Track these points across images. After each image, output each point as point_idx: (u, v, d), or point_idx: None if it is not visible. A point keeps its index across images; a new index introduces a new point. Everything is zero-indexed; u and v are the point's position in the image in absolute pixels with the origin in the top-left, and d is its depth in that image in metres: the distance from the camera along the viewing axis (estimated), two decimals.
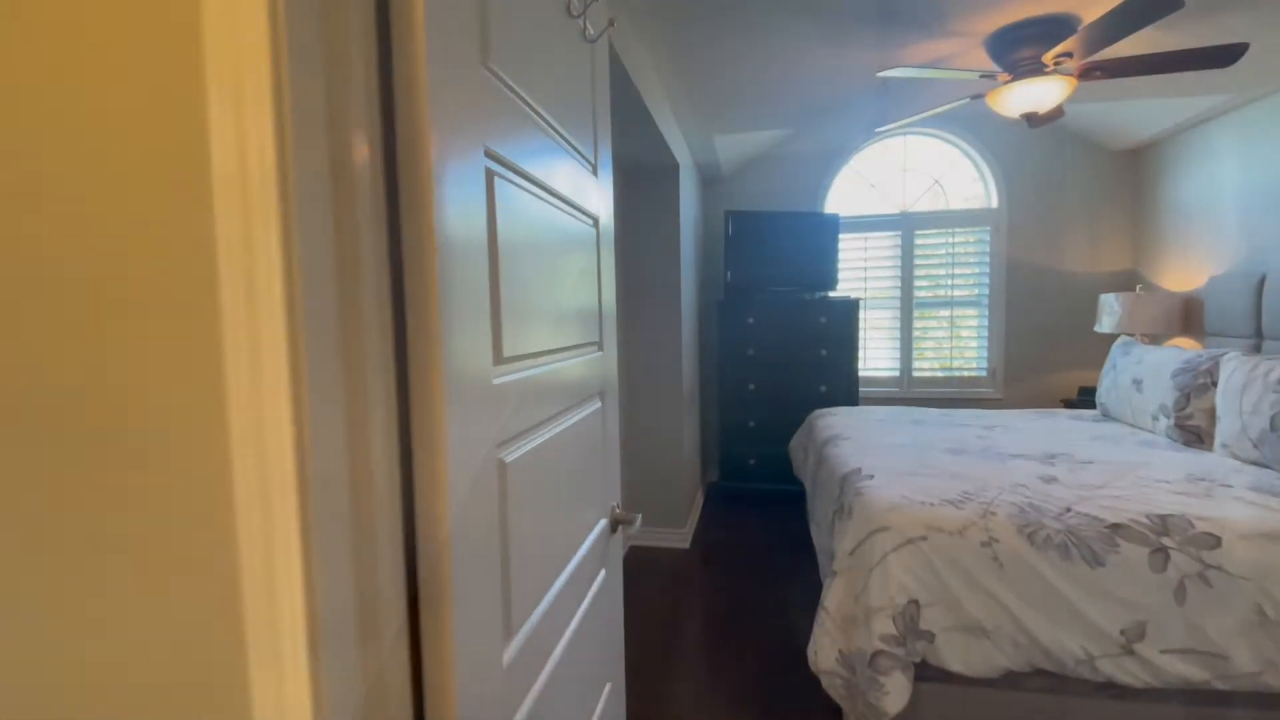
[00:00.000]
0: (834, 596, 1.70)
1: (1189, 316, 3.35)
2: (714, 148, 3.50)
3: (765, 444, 3.76)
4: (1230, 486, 1.80)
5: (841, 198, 4.24)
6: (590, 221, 1.11)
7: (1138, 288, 3.66)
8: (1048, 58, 2.05)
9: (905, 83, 2.61)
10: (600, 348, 1.17)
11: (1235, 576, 1.46)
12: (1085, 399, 3.76)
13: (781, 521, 3.57)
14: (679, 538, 3.25)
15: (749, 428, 3.78)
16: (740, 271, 3.74)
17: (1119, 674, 1.50)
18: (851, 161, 4.21)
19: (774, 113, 2.96)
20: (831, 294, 3.95)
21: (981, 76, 2.19)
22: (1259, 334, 2.72)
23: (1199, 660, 1.47)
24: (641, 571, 2.98)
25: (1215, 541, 1.51)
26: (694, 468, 3.69)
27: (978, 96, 2.38)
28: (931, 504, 1.73)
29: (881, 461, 2.13)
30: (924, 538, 1.63)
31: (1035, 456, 2.19)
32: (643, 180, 3.09)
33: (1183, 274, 3.46)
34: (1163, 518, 1.59)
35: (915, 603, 1.60)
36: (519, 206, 0.76)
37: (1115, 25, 1.81)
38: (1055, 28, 2.07)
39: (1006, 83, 2.20)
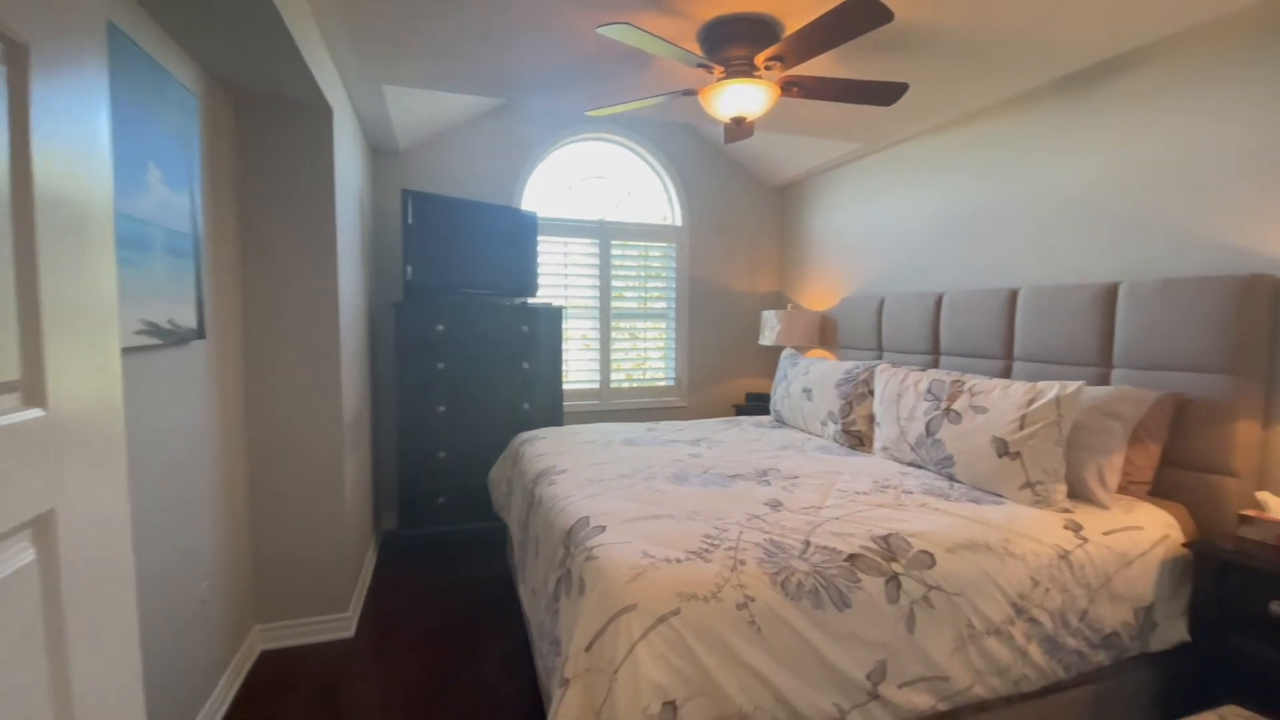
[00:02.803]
0: (566, 717, 1.21)
1: (825, 331, 3.92)
2: (385, 104, 2.73)
3: (459, 477, 3.12)
4: (911, 493, 1.91)
5: (538, 197, 3.88)
6: None
7: (789, 306, 4.17)
8: (759, 59, 1.97)
9: (619, 66, 2.32)
10: (38, 401, 0.44)
11: (950, 594, 1.46)
12: (752, 404, 4.12)
13: (481, 574, 2.97)
14: (340, 625, 2.38)
15: (438, 459, 3.08)
16: (425, 268, 3.04)
17: None
18: (549, 158, 3.88)
19: (462, 70, 2.38)
20: (532, 300, 3.54)
21: (698, 65, 2.00)
22: (880, 347, 3.24)
23: (928, 687, 1.42)
24: (279, 689, 2.04)
25: (931, 560, 1.49)
26: (362, 521, 2.83)
27: (690, 92, 2.22)
28: (679, 560, 1.39)
29: (609, 504, 1.74)
30: (676, 612, 1.27)
31: (752, 476, 2.09)
32: (274, 121, 2.17)
33: (819, 295, 4.05)
34: (885, 539, 1.53)
35: (671, 705, 1.21)
36: None
37: (822, 34, 1.77)
38: (764, 29, 1.99)
39: (720, 79, 2.07)
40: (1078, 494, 1.84)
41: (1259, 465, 1.80)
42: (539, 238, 3.69)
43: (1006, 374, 2.46)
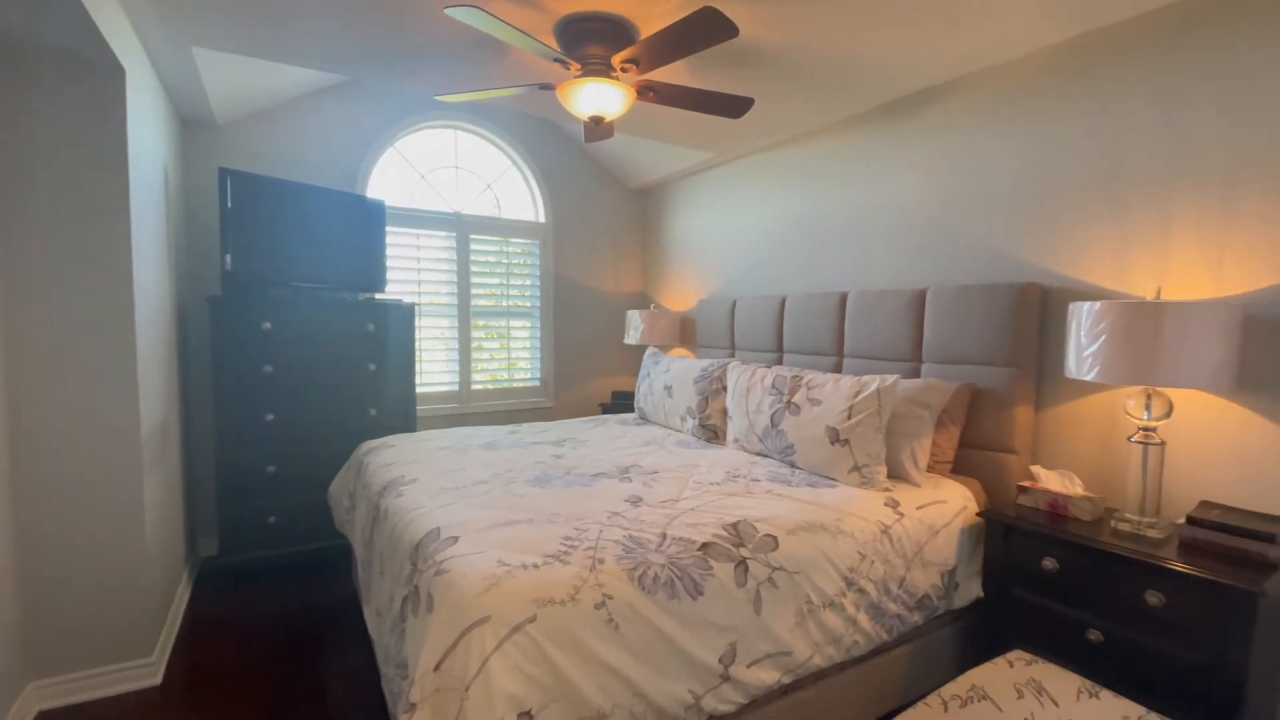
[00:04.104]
0: None
1: (685, 331, 4.07)
2: (196, 69, 2.38)
3: (294, 493, 2.81)
4: (759, 480, 2.03)
5: (388, 184, 3.61)
6: None
7: (652, 306, 4.28)
8: (616, 60, 1.98)
9: (474, 51, 2.22)
10: None
11: (791, 573, 1.57)
12: (619, 402, 4.18)
13: (322, 600, 2.70)
14: (143, 672, 2.03)
15: (268, 475, 2.75)
16: (248, 257, 2.69)
17: (720, 705, 1.42)
18: (399, 144, 3.63)
19: (290, 40, 2.14)
20: (380, 296, 3.29)
21: (555, 60, 1.97)
22: (733, 346, 3.43)
23: (773, 663, 1.51)
24: None
25: (775, 543, 1.59)
26: (170, 549, 2.45)
27: (547, 86, 2.18)
28: (536, 565, 1.35)
29: (463, 513, 1.66)
30: (533, 618, 1.23)
31: (614, 474, 2.10)
32: (46, 80, 1.80)
33: (679, 296, 4.20)
34: (734, 526, 1.61)
35: (527, 715, 1.18)
36: None
37: (673, 41, 1.82)
38: (620, 31, 2.01)
39: (577, 76, 2.05)
40: (896, 474, 2.07)
41: (1033, 443, 2.15)
42: (388, 229, 3.45)
43: (838, 369, 2.72)
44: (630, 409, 3.96)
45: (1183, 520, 1.63)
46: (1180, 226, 1.80)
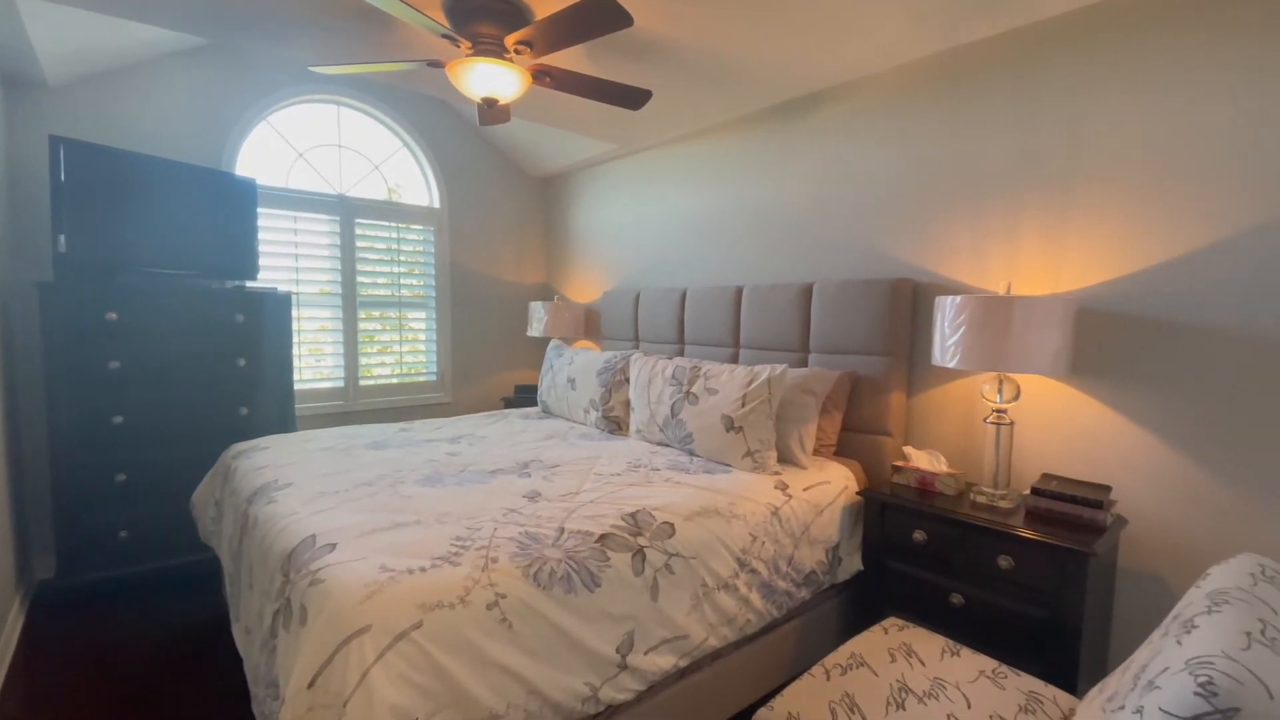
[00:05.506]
0: None
1: (589, 323, 4.05)
2: (20, 20, 2.05)
3: (149, 503, 2.52)
4: (659, 470, 2.06)
5: (260, 162, 3.30)
6: None
7: (555, 298, 4.22)
8: (509, 41, 1.91)
9: (356, 21, 2.06)
10: None
11: (687, 558, 1.60)
12: (521, 396, 4.09)
13: (186, 620, 2.44)
14: None
15: (117, 484, 2.44)
16: (87, 239, 2.36)
17: (618, 695, 1.43)
18: (272, 118, 3.33)
19: None
20: (252, 284, 3.01)
21: (443, 36, 1.87)
22: (637, 337, 3.45)
23: (670, 648, 1.54)
24: None
25: (672, 530, 1.62)
26: None
27: (436, 64, 2.07)
28: (423, 568, 1.29)
29: (343, 517, 1.55)
30: (419, 624, 1.17)
31: (512, 470, 2.05)
32: None
33: (584, 288, 4.16)
34: (633, 515, 1.62)
35: None
36: None
37: (568, 26, 1.79)
38: (513, 11, 1.94)
39: (469, 55, 1.96)
40: (785, 458, 2.17)
41: (906, 425, 2.33)
42: (261, 210, 3.16)
43: (735, 360, 2.81)
44: (534, 403, 3.89)
45: (1028, 491, 1.83)
46: (1028, 229, 2.01)
